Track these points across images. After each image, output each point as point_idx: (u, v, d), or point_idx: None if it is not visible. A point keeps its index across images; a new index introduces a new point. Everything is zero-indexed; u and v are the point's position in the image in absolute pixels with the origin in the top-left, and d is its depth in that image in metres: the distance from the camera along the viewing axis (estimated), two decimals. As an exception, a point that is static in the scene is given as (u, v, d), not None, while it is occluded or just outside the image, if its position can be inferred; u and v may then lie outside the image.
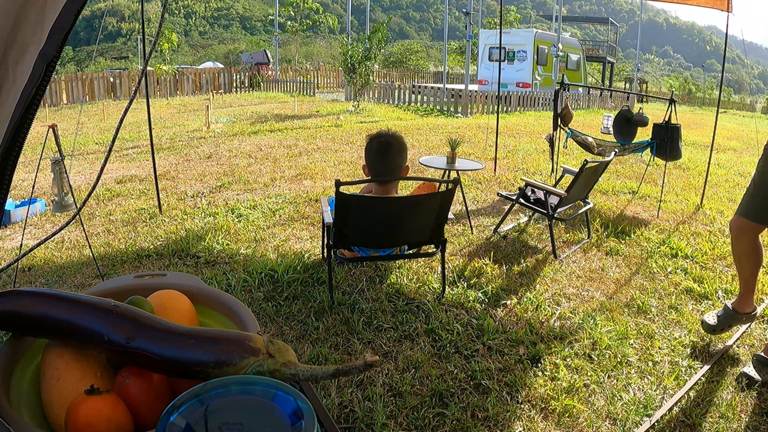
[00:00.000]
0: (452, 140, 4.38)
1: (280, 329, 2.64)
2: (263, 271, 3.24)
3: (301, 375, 0.71)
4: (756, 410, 2.12)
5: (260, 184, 5.60)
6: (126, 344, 0.76)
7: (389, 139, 2.91)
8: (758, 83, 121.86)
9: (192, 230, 4.06)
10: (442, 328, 2.66)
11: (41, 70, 0.74)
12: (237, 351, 0.74)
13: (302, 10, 18.00)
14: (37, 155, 6.71)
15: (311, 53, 45.64)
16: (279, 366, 0.72)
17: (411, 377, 2.26)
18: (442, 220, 2.86)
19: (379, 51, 13.46)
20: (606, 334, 2.65)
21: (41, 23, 0.72)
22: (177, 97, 16.92)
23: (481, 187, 5.68)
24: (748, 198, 2.46)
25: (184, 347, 0.75)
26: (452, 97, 14.20)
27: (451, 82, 23.20)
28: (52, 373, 0.79)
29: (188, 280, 1.09)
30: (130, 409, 0.75)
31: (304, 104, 14.27)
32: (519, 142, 8.81)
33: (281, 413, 0.59)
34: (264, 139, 8.65)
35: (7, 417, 0.70)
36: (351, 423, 1.99)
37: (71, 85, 15.69)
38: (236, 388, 0.63)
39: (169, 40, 15.38)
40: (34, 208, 4.47)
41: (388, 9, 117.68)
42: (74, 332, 0.79)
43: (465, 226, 4.27)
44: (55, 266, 3.41)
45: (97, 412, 0.71)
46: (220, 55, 46.28)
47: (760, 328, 2.81)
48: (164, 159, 6.92)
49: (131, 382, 0.77)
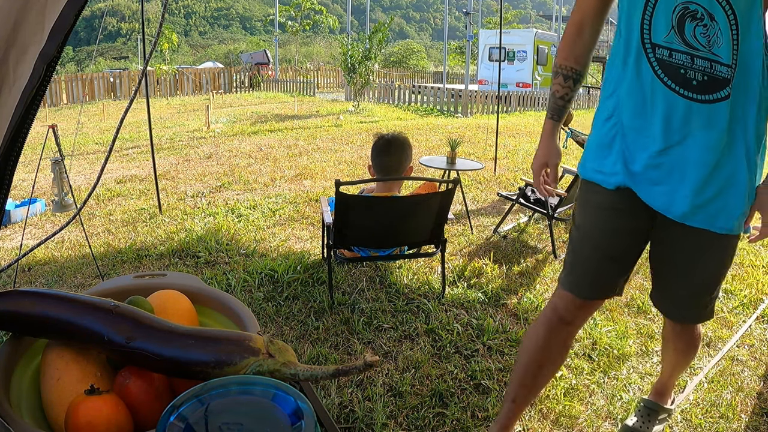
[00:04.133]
0: (452, 140, 4.38)
1: (280, 329, 2.64)
2: (263, 271, 3.24)
3: (301, 375, 0.71)
4: (756, 410, 2.12)
5: (260, 184, 5.60)
6: (126, 344, 0.76)
7: (392, 137, 2.94)
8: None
9: (192, 230, 4.06)
10: (442, 328, 2.66)
11: (42, 70, 0.74)
12: (237, 351, 0.74)
13: (303, 11, 18.00)
14: (37, 155, 6.71)
15: (311, 53, 45.63)
16: (279, 366, 0.72)
17: (411, 377, 2.26)
18: (442, 220, 2.87)
19: (379, 51, 13.47)
20: (606, 334, 2.65)
21: (42, 23, 0.72)
22: (177, 97, 16.91)
23: (481, 187, 5.68)
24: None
25: (184, 347, 0.75)
26: (452, 97, 14.21)
27: (451, 82, 23.20)
28: (52, 373, 0.79)
29: (188, 280, 1.09)
30: (130, 409, 0.75)
31: (304, 104, 14.27)
32: (519, 142, 8.81)
33: (281, 413, 0.59)
34: (264, 139, 8.65)
35: (7, 417, 0.70)
36: (351, 423, 1.99)
37: (71, 85, 15.69)
38: (236, 388, 0.63)
39: (169, 40, 15.37)
40: (34, 208, 4.47)
41: (388, 9, 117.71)
42: (74, 332, 0.79)
43: (465, 226, 4.27)
44: (55, 266, 3.41)
45: (97, 412, 0.71)
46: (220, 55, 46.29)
47: (760, 328, 2.81)
48: (164, 159, 6.91)
49: (131, 382, 0.77)
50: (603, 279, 1.53)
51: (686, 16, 1.28)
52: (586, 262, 1.52)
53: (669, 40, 1.31)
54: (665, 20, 1.30)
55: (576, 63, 1.54)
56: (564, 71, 1.55)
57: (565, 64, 1.55)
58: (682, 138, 1.32)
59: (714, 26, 1.26)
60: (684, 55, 1.29)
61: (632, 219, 1.46)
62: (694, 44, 1.28)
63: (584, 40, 1.53)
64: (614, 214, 1.46)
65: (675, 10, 1.29)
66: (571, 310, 1.55)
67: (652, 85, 1.33)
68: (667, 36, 1.31)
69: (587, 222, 1.52)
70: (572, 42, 1.53)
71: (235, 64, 24.64)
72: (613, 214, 1.46)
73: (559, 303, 1.57)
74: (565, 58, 1.54)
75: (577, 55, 1.53)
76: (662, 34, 1.31)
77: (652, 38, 1.32)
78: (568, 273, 1.56)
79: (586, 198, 1.53)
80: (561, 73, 1.56)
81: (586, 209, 1.53)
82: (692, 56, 1.28)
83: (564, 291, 1.55)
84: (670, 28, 1.30)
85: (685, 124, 1.31)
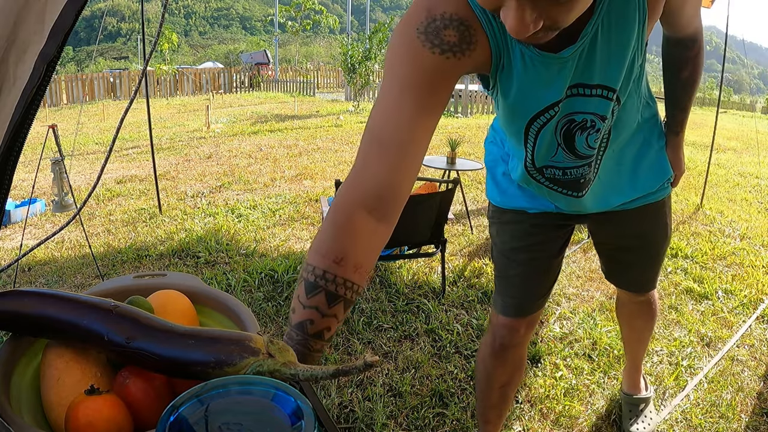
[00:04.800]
0: (452, 140, 4.38)
1: (280, 329, 2.64)
2: (263, 272, 3.24)
3: (301, 375, 0.71)
4: (756, 410, 2.12)
5: (260, 185, 5.60)
6: (126, 344, 0.76)
7: None
8: (758, 83, 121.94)
9: (192, 230, 4.06)
10: (442, 328, 2.66)
11: (42, 70, 0.74)
12: (237, 351, 0.73)
13: (304, 11, 17.99)
14: (37, 155, 6.71)
15: (311, 53, 45.63)
16: (279, 366, 0.72)
17: (411, 377, 2.26)
18: (442, 220, 2.87)
19: (379, 51, 13.47)
20: (606, 334, 2.65)
21: (42, 23, 0.72)
22: (177, 97, 16.92)
23: (481, 187, 5.68)
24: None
25: (184, 347, 0.75)
26: (452, 97, 14.19)
27: (451, 82, 23.13)
28: (52, 373, 0.79)
29: (188, 280, 1.08)
30: (130, 409, 0.75)
31: (304, 104, 14.27)
32: (519, 142, 8.81)
33: (281, 413, 0.59)
34: (264, 139, 8.65)
35: (7, 417, 0.70)
36: (351, 423, 1.99)
37: (71, 85, 15.70)
38: (236, 388, 0.63)
39: (169, 40, 15.37)
40: (34, 208, 4.47)
41: (388, 9, 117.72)
42: (74, 332, 0.79)
43: (465, 226, 4.27)
44: (55, 266, 3.41)
45: (97, 412, 0.71)
46: (220, 55, 46.28)
47: (760, 328, 2.81)
48: (164, 159, 6.91)
49: (131, 382, 0.77)
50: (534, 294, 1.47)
51: (574, 131, 1.08)
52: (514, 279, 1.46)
53: (558, 159, 1.15)
54: (550, 142, 1.11)
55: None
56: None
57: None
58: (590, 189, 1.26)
59: (608, 123, 1.09)
60: (578, 169, 1.16)
61: (556, 230, 1.42)
62: (587, 153, 1.13)
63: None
64: (536, 230, 1.41)
65: (557, 128, 1.08)
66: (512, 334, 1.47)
67: (549, 195, 1.28)
68: (555, 156, 1.14)
69: (506, 240, 1.44)
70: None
71: (235, 64, 24.65)
72: (535, 230, 1.41)
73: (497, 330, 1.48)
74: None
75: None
76: (549, 155, 1.15)
77: (536, 163, 1.17)
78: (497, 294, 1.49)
79: (503, 219, 1.44)
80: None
81: (504, 228, 1.44)
82: (588, 161, 1.15)
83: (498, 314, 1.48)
84: (557, 147, 1.12)
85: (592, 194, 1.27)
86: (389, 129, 0.82)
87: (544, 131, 1.07)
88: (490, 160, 1.43)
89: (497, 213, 1.44)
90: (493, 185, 1.42)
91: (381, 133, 0.82)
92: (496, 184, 1.41)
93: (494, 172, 1.42)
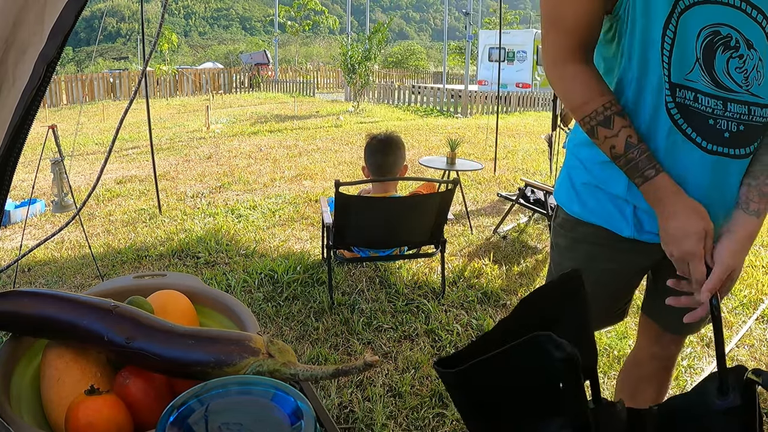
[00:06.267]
0: (452, 140, 4.39)
1: (280, 330, 2.64)
2: (263, 272, 3.25)
3: (301, 375, 0.71)
4: (756, 410, 2.12)
5: (260, 185, 5.60)
6: (126, 344, 0.76)
7: (386, 137, 2.94)
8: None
9: (192, 231, 4.06)
10: (442, 329, 2.66)
11: (41, 70, 0.74)
12: (237, 351, 0.74)
13: (304, 11, 17.99)
14: (37, 155, 6.72)
15: (311, 53, 45.65)
16: (279, 366, 0.72)
17: (411, 377, 2.26)
18: (442, 221, 2.87)
19: (379, 51, 13.47)
20: (606, 334, 2.65)
21: (41, 24, 0.72)
22: (177, 97, 16.92)
23: (481, 188, 5.68)
24: None
25: (184, 347, 0.75)
26: (452, 98, 14.21)
27: (450, 82, 23.20)
28: (52, 373, 0.79)
29: (188, 281, 1.09)
30: (130, 409, 0.75)
31: (303, 105, 14.27)
32: (519, 143, 8.81)
33: (281, 413, 0.59)
34: (264, 139, 8.65)
35: (7, 417, 0.70)
36: (351, 423, 1.99)
37: (71, 85, 15.69)
38: (236, 388, 0.63)
39: (168, 40, 15.37)
40: (34, 209, 4.47)
41: (388, 9, 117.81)
42: (74, 332, 0.79)
43: (465, 227, 4.27)
44: (55, 267, 3.41)
45: (97, 412, 0.71)
46: (220, 56, 46.24)
47: (760, 328, 2.81)
48: (164, 159, 6.92)
49: (131, 382, 0.77)
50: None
51: (716, 45, 0.94)
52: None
53: (693, 78, 0.97)
54: (688, 50, 0.95)
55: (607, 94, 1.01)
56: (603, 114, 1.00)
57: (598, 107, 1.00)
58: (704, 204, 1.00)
59: (753, 56, 0.95)
60: (714, 100, 0.96)
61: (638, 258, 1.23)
62: (727, 84, 0.96)
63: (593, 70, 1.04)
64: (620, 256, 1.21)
65: (699, 36, 0.94)
66: None
67: (668, 138, 1.00)
68: (691, 73, 0.97)
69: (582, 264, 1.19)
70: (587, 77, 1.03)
71: (234, 65, 24.64)
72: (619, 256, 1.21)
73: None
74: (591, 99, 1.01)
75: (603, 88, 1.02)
76: (684, 71, 0.97)
77: (671, 76, 0.97)
78: None
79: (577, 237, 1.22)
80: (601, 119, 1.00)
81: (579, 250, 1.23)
82: (725, 100, 0.96)
83: None
84: (694, 62, 0.96)
85: (712, 186, 1.02)
86: None
87: (682, 32, 0.94)
88: (572, 164, 1.21)
89: (570, 224, 1.22)
90: (572, 192, 1.20)
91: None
92: (576, 194, 1.19)
93: (573, 180, 1.20)
